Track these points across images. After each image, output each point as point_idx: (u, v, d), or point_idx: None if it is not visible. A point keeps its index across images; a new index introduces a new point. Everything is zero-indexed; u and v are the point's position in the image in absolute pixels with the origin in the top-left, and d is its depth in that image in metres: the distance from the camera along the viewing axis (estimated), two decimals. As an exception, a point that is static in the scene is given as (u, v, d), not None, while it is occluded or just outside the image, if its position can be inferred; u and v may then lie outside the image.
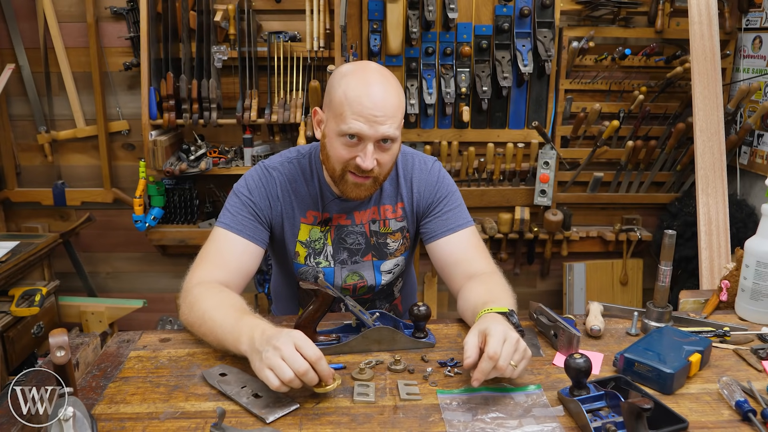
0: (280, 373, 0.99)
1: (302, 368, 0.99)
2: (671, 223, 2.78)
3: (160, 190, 2.70)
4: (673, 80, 2.69)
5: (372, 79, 1.26)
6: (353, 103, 1.24)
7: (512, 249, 3.03)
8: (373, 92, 1.24)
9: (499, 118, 2.82)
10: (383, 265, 1.51)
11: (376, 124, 1.24)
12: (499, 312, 1.16)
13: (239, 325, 1.12)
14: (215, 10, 2.57)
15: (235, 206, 1.39)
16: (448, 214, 1.46)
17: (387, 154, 1.30)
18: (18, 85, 2.77)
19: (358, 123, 1.24)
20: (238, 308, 1.20)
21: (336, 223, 1.46)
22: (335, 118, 1.27)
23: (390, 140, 1.28)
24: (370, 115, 1.23)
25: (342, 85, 1.26)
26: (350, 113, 1.24)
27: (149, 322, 3.01)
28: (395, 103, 1.27)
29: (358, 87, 1.25)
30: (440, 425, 1.00)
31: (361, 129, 1.24)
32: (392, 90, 1.27)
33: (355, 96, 1.24)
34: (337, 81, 1.28)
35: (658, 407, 1.01)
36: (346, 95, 1.25)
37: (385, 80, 1.28)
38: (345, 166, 1.30)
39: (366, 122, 1.24)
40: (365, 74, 1.27)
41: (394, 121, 1.27)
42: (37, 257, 2.49)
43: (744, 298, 1.38)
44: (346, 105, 1.24)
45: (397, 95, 1.28)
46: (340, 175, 1.32)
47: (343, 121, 1.25)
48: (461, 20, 2.67)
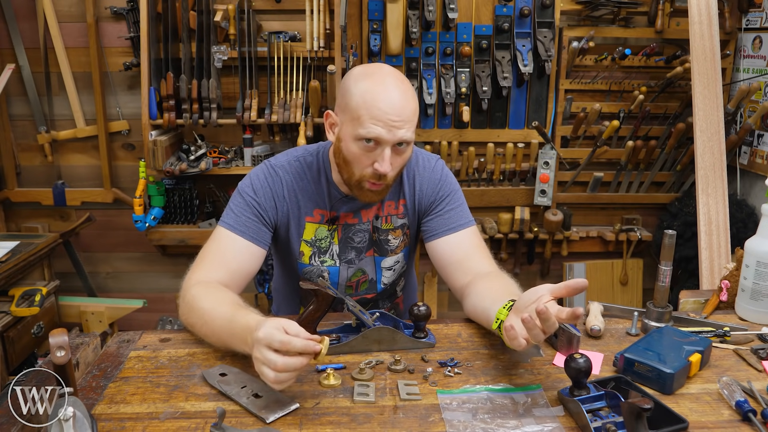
0: (271, 364, 0.98)
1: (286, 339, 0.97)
2: (671, 223, 2.78)
3: (160, 190, 2.70)
4: (673, 80, 2.69)
5: (389, 83, 1.26)
6: (371, 107, 1.23)
7: (512, 249, 3.03)
8: (391, 97, 1.24)
9: (499, 118, 2.82)
10: (384, 261, 1.51)
11: (395, 128, 1.24)
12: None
13: (234, 326, 1.12)
14: (215, 10, 2.57)
15: (239, 206, 1.39)
16: (450, 213, 1.46)
17: (401, 158, 1.31)
18: (18, 85, 2.77)
19: (377, 128, 1.23)
20: (235, 304, 1.19)
21: (343, 222, 1.46)
22: (352, 121, 1.27)
23: (405, 143, 1.29)
24: (388, 119, 1.23)
25: (359, 89, 1.26)
26: (368, 117, 1.23)
27: (149, 322, 3.01)
28: (413, 107, 1.27)
29: (376, 91, 1.24)
30: (440, 425, 1.00)
31: (380, 134, 1.24)
32: (409, 94, 1.28)
33: (373, 100, 1.23)
34: (353, 84, 1.28)
35: (658, 407, 1.01)
36: (363, 99, 1.24)
37: (402, 84, 1.28)
38: (363, 174, 1.30)
39: (384, 127, 1.24)
40: (382, 78, 1.27)
41: (412, 125, 1.27)
42: (37, 257, 2.49)
43: (744, 298, 1.38)
44: (364, 109, 1.24)
45: (414, 99, 1.29)
46: (357, 182, 1.32)
47: (361, 126, 1.24)
48: (461, 20, 2.67)
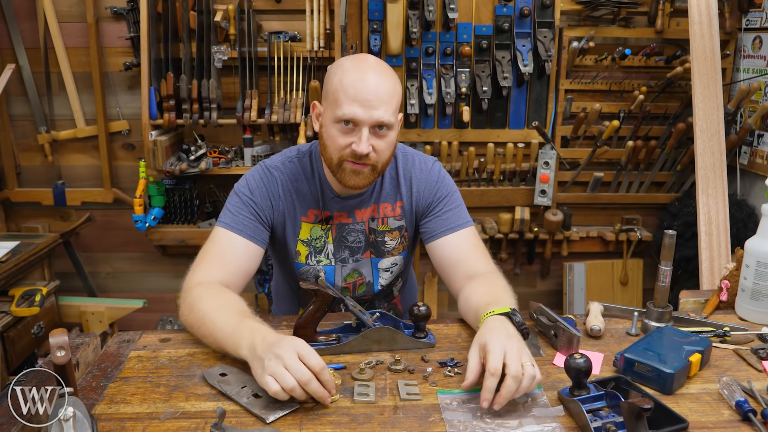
0: (282, 381, 0.98)
1: (305, 377, 0.99)
2: (671, 223, 2.78)
3: (160, 190, 2.70)
4: (673, 80, 2.69)
5: (367, 67, 1.29)
6: (348, 88, 1.26)
7: (512, 249, 3.03)
8: (368, 78, 1.27)
9: (499, 118, 2.82)
10: (381, 262, 1.51)
11: (371, 108, 1.26)
12: (501, 313, 1.16)
13: (240, 329, 1.12)
14: (215, 10, 2.57)
15: (235, 206, 1.39)
16: (448, 213, 1.46)
17: (383, 141, 1.31)
18: (18, 85, 2.77)
19: (353, 108, 1.25)
20: (238, 311, 1.19)
21: (337, 221, 1.46)
22: (331, 106, 1.30)
23: (386, 127, 1.29)
24: (364, 99, 1.25)
25: (338, 74, 1.29)
26: (345, 99, 1.26)
27: (149, 322, 3.01)
28: (389, 89, 1.28)
29: (354, 74, 1.27)
30: (440, 425, 1.00)
31: (356, 113, 1.25)
32: (387, 77, 1.30)
33: (350, 82, 1.26)
34: (334, 72, 1.31)
35: (658, 407, 1.01)
36: (341, 82, 1.27)
37: (381, 68, 1.30)
38: (342, 155, 1.31)
39: (360, 107, 1.25)
40: (361, 63, 1.30)
41: (389, 107, 1.28)
42: (38, 257, 2.49)
43: (744, 298, 1.38)
44: (341, 91, 1.26)
45: (392, 82, 1.30)
46: (337, 164, 1.32)
47: (338, 107, 1.27)
48: (461, 20, 2.67)
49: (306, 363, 1.00)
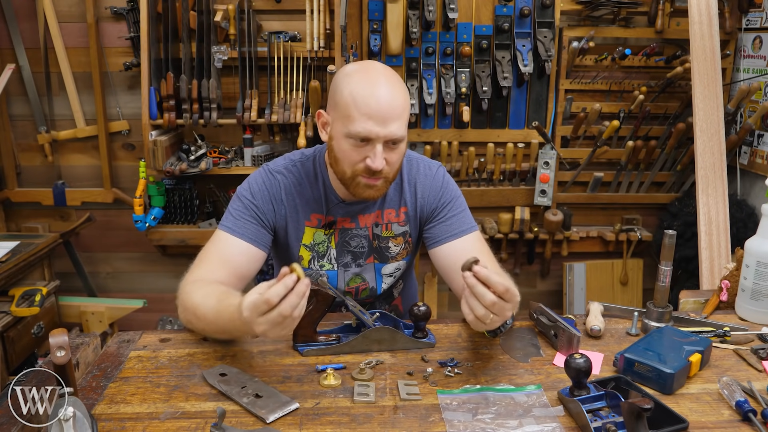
0: (277, 330, 0.99)
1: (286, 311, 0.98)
2: (671, 223, 2.77)
3: (160, 190, 2.70)
4: (673, 80, 2.69)
5: (378, 79, 1.26)
6: (360, 105, 1.23)
7: (512, 249, 3.03)
8: (381, 93, 1.23)
9: (499, 118, 2.82)
10: (384, 268, 1.51)
11: (385, 125, 1.23)
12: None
13: (226, 312, 1.12)
14: (215, 10, 2.57)
15: (237, 209, 1.39)
16: (453, 219, 1.45)
17: (395, 153, 1.30)
18: (18, 85, 2.77)
19: (367, 125, 1.23)
20: (220, 293, 1.19)
21: (340, 226, 1.45)
22: (342, 119, 1.26)
23: (398, 140, 1.28)
24: (378, 116, 1.23)
25: (348, 86, 1.25)
26: (358, 115, 1.23)
27: (149, 322, 3.01)
28: (402, 103, 1.27)
29: (365, 88, 1.24)
30: (440, 425, 1.00)
31: (371, 131, 1.23)
32: (399, 90, 1.27)
33: (362, 97, 1.23)
34: (342, 81, 1.27)
35: (658, 407, 1.01)
36: (353, 96, 1.24)
37: (392, 80, 1.27)
38: (355, 170, 1.29)
39: (375, 124, 1.23)
40: (371, 74, 1.26)
41: (402, 122, 1.27)
42: (37, 257, 2.49)
43: (744, 298, 1.38)
44: (353, 107, 1.23)
45: (404, 95, 1.28)
46: (350, 178, 1.31)
47: (351, 123, 1.24)
48: (461, 20, 2.67)
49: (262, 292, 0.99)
